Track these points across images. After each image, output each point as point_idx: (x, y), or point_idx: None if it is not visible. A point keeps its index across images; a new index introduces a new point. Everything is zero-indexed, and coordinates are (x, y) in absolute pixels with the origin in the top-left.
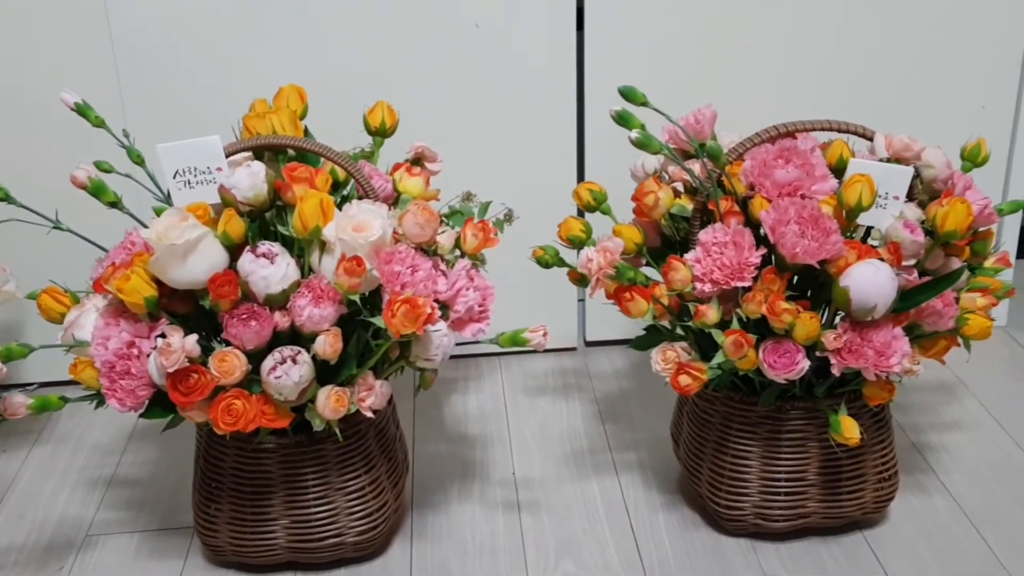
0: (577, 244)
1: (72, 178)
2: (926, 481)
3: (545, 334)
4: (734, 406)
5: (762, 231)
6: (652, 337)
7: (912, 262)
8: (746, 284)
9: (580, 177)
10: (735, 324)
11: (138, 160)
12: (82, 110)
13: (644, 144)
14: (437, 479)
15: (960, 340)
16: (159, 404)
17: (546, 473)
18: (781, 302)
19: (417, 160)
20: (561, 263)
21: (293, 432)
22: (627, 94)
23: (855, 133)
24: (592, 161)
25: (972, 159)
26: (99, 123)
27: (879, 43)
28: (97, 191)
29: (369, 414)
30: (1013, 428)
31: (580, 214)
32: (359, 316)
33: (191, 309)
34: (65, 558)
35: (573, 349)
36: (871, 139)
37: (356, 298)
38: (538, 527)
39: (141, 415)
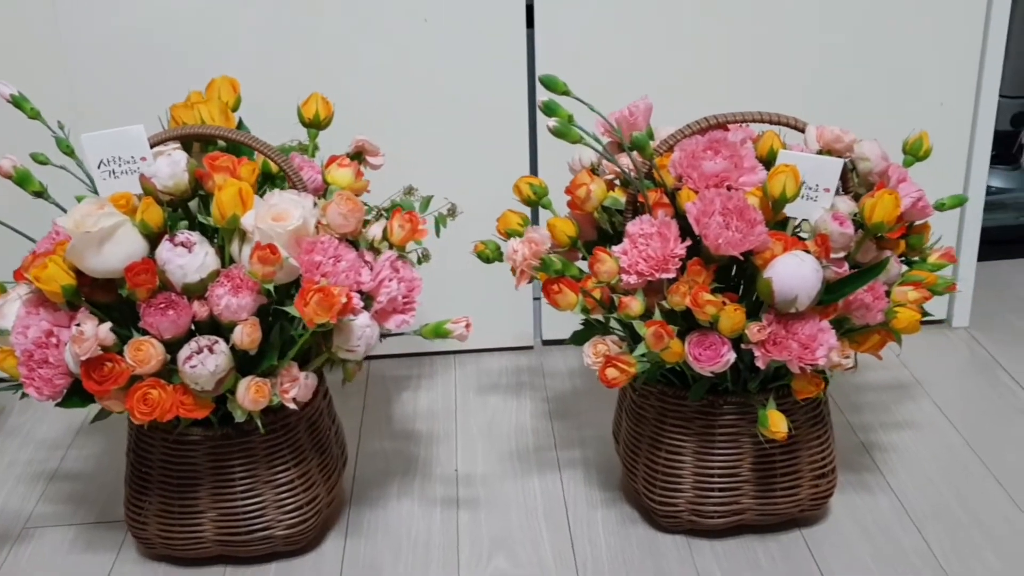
0: (516, 237)
1: None
2: (871, 480)
3: (468, 326)
4: (668, 401)
5: None
6: (590, 331)
7: (842, 255)
8: (671, 276)
9: (534, 173)
10: (657, 315)
11: (67, 150)
12: (18, 102)
13: (562, 133)
14: (378, 475)
15: (893, 334)
16: (77, 394)
17: (489, 470)
18: (704, 293)
19: (358, 154)
20: (502, 258)
21: (219, 424)
22: (548, 83)
23: (787, 125)
24: (544, 157)
25: (914, 152)
26: (34, 115)
27: (835, 39)
28: (22, 180)
29: (292, 406)
30: (966, 429)
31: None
32: (280, 306)
33: (114, 299)
34: None
35: (530, 348)
36: (803, 131)
37: (270, 287)
38: (475, 523)
39: (58, 404)
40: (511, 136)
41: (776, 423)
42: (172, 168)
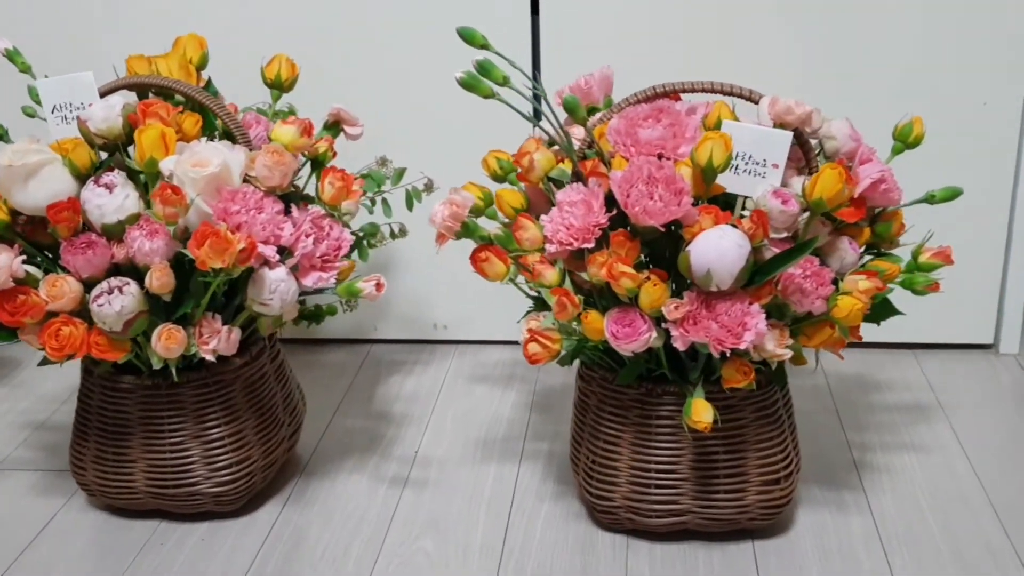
0: (476, 212)
1: None
2: (851, 500)
3: (378, 285)
4: (607, 387)
5: None
6: (540, 309)
7: (783, 235)
8: (590, 246)
9: None
10: (568, 285)
11: (37, 100)
12: (11, 56)
13: (471, 86)
14: (339, 450)
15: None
16: (5, 329)
17: (449, 454)
18: (620, 265)
19: (335, 123)
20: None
21: (150, 373)
22: (465, 35)
23: (740, 96)
24: None
25: (903, 139)
26: (25, 68)
27: (871, 35)
28: None
29: (210, 357)
30: (978, 458)
31: None
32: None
33: (52, 240)
34: None
35: None
36: (758, 103)
37: (173, 227)
38: (415, 503)
39: None
40: (513, 122)
41: (699, 412)
42: (106, 112)
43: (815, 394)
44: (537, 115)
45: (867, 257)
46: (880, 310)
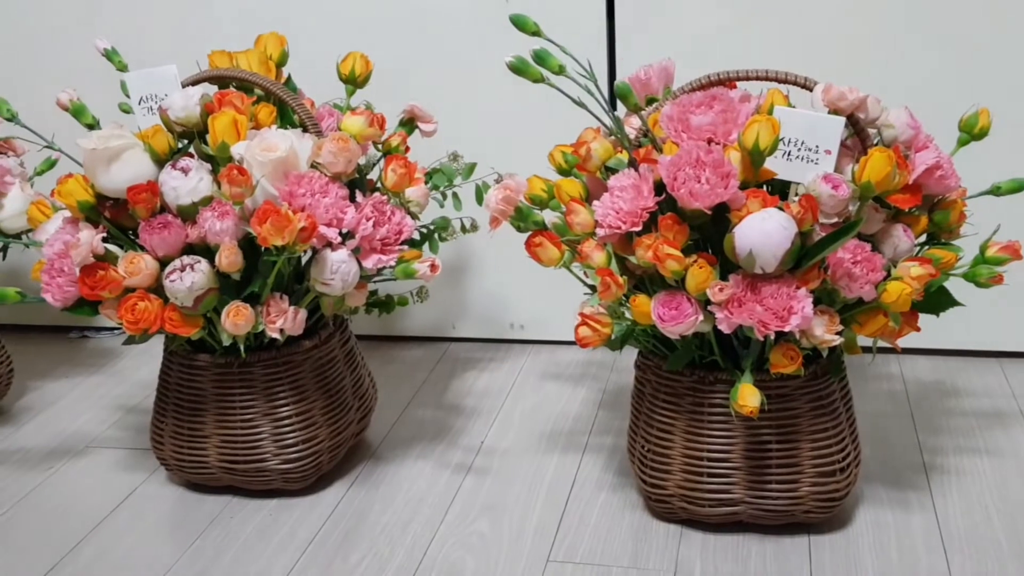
0: (540, 204)
1: (57, 100)
2: (915, 499)
3: (433, 266)
4: (661, 375)
5: None
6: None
7: (833, 220)
8: (638, 229)
9: None
10: (613, 266)
11: (127, 92)
12: (109, 55)
13: (520, 70)
14: (408, 438)
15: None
16: (88, 304)
17: (514, 445)
18: (666, 247)
19: (410, 120)
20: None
21: (223, 352)
22: (518, 23)
23: (795, 84)
24: None
25: (968, 130)
26: (122, 67)
27: (961, 34)
28: (77, 113)
29: (276, 335)
30: None
31: None
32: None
33: (134, 223)
34: (57, 462)
35: None
36: (812, 90)
37: (238, 208)
38: (475, 488)
39: (66, 310)
40: (583, 119)
41: (745, 396)
42: (185, 101)
43: (892, 398)
44: (614, 104)
45: (926, 248)
46: (937, 300)
